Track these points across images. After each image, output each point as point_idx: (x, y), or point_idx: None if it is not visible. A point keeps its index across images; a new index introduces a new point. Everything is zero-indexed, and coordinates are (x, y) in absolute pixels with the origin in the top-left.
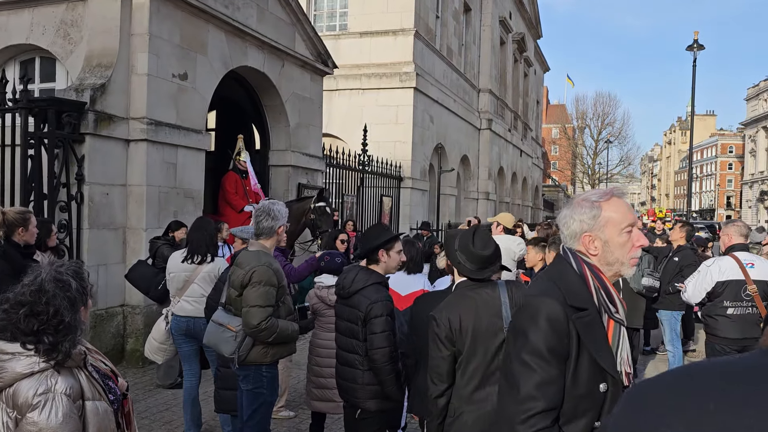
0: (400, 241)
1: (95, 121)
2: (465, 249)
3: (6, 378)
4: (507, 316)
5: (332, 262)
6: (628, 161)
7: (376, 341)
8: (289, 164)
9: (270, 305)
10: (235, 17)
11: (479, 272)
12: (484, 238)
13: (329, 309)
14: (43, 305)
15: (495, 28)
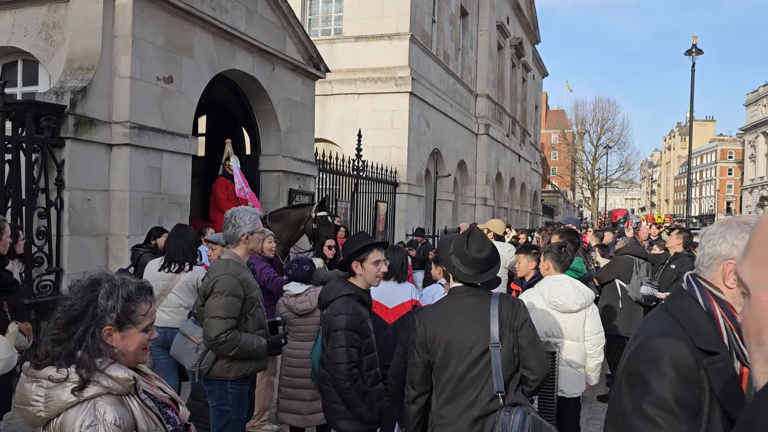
0: (379, 251)
1: (76, 125)
2: (459, 252)
3: (52, 408)
4: (495, 332)
5: (299, 270)
6: (627, 167)
7: (333, 356)
8: (280, 169)
9: (232, 317)
10: (223, 20)
11: (475, 277)
12: (480, 241)
13: (297, 318)
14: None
15: (492, 32)
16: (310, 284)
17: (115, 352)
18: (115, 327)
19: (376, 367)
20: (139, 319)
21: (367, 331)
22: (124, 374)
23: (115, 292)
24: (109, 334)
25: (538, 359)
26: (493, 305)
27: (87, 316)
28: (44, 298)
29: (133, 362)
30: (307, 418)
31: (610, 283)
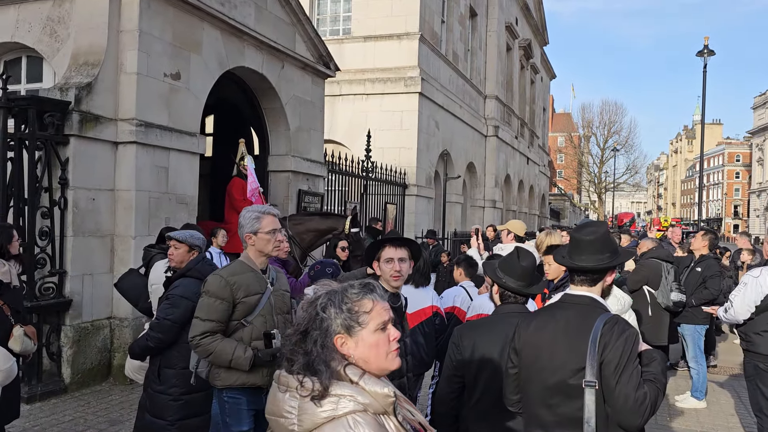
0: (392, 247)
1: (80, 121)
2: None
3: (305, 422)
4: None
5: (322, 272)
6: (634, 170)
7: None
8: (289, 170)
9: (212, 320)
10: (232, 15)
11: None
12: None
13: None
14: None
15: (501, 33)
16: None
17: (354, 362)
18: (345, 333)
19: (399, 378)
20: (364, 318)
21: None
22: (383, 389)
23: (335, 298)
24: (343, 343)
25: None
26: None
27: (314, 330)
28: (47, 301)
29: (376, 369)
30: None
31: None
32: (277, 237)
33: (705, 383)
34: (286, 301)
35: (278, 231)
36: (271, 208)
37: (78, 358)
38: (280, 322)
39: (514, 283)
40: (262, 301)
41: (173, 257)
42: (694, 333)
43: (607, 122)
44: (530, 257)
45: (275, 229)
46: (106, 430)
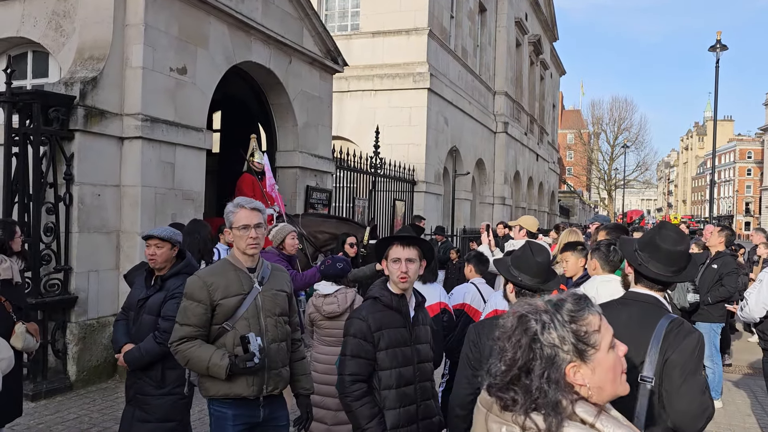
0: (400, 246)
1: (85, 116)
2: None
3: None
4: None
5: (332, 267)
6: (644, 167)
7: (340, 366)
8: (297, 166)
9: (189, 324)
10: (239, 9)
11: (672, 275)
12: (541, 248)
13: (326, 320)
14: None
15: (511, 29)
16: (341, 285)
17: (587, 392)
18: (578, 360)
19: (404, 386)
20: (596, 338)
21: (392, 342)
22: (589, 418)
23: (555, 319)
24: (576, 372)
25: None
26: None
27: (533, 361)
28: (52, 298)
29: (609, 395)
30: (332, 428)
31: None
32: (250, 234)
33: (721, 383)
34: (280, 302)
35: (255, 227)
36: (254, 201)
37: (83, 356)
38: (270, 325)
39: (530, 280)
40: (246, 303)
41: (156, 257)
42: (710, 331)
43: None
44: (545, 252)
45: (248, 224)
46: (112, 428)
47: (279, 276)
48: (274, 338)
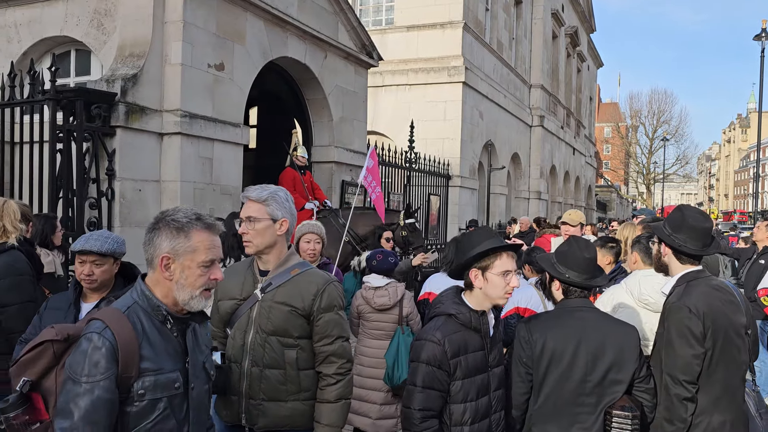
0: (510, 257)
1: (126, 113)
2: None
3: None
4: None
5: (384, 262)
6: (685, 160)
7: (405, 395)
8: (332, 160)
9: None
10: (275, 5)
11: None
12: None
13: (375, 313)
14: None
15: (547, 21)
16: (392, 278)
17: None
18: None
19: (479, 421)
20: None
21: (470, 370)
22: None
23: None
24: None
25: None
26: None
27: None
28: None
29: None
30: (377, 423)
31: None
32: (241, 228)
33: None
34: (277, 318)
35: (246, 220)
36: (258, 189)
37: None
38: (257, 343)
39: (578, 276)
40: (241, 311)
41: (95, 278)
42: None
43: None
44: (591, 247)
45: (240, 217)
46: None
47: (297, 287)
48: (259, 361)
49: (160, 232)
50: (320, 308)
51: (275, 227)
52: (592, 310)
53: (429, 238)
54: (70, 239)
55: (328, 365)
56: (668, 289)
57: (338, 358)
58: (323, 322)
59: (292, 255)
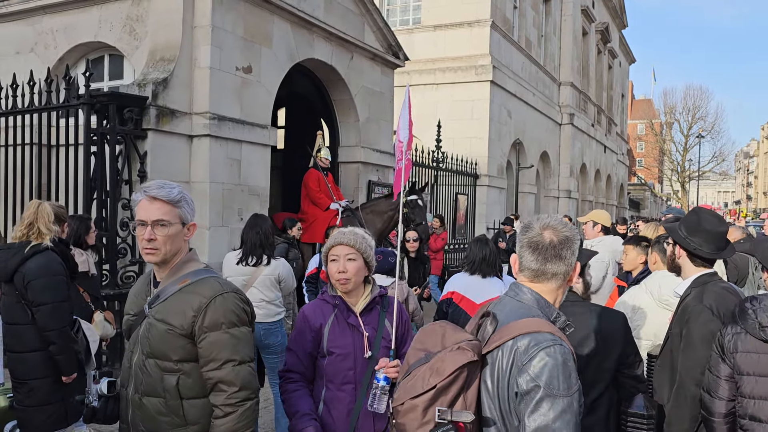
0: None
1: (157, 116)
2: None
3: None
4: None
5: (385, 262)
6: (721, 158)
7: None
8: (359, 161)
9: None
10: (301, 8)
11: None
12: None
13: None
14: None
15: (577, 17)
16: (393, 276)
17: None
18: None
19: None
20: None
21: None
22: None
23: None
24: None
25: None
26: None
27: None
28: (128, 289)
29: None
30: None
31: None
32: (145, 233)
33: None
34: (154, 339)
35: (153, 224)
36: (165, 186)
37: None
38: (137, 365)
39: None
40: (134, 328)
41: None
42: None
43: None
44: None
45: (145, 221)
46: None
47: (181, 301)
48: (139, 387)
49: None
50: (203, 327)
51: (184, 232)
52: (582, 304)
53: (456, 237)
54: (104, 239)
55: (216, 394)
56: (682, 291)
57: (228, 385)
58: (207, 343)
59: (188, 262)
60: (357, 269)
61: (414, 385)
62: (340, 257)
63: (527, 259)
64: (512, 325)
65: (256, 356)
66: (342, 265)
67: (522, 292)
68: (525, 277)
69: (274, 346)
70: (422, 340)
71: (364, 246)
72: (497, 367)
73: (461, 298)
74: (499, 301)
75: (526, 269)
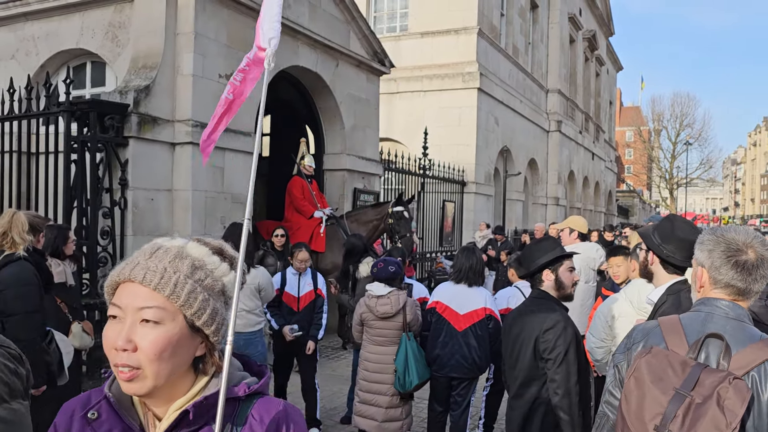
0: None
1: (139, 123)
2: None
3: None
4: None
5: (384, 270)
6: (709, 164)
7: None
8: (344, 168)
9: None
10: (286, 15)
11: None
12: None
13: (378, 320)
14: None
15: (564, 25)
16: (393, 286)
17: None
18: None
19: None
20: None
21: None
22: None
23: None
24: None
25: None
26: None
27: None
28: None
29: None
30: (383, 425)
31: None
32: None
33: None
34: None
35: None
36: None
37: None
38: None
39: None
40: None
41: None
42: None
43: (678, 115)
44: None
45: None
46: None
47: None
48: None
49: None
50: None
51: None
52: (532, 299)
53: (443, 245)
54: (84, 248)
55: None
56: (656, 298)
57: None
58: None
59: None
60: (164, 343)
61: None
62: (127, 313)
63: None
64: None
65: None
66: (126, 333)
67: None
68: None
69: (254, 356)
70: (656, 378)
71: (186, 285)
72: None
73: (444, 308)
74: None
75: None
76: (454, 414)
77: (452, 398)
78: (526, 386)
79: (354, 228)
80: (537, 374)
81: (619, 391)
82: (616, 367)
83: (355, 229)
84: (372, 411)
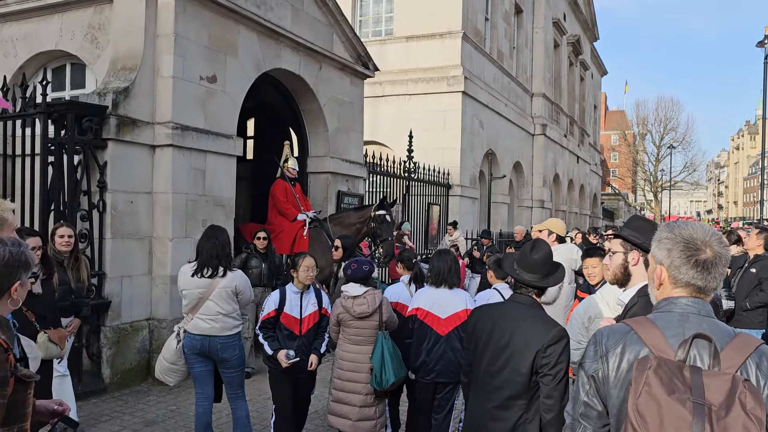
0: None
1: (118, 126)
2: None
3: None
4: None
5: (358, 270)
6: (692, 168)
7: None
8: (328, 171)
9: None
10: (268, 17)
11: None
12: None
13: (355, 320)
14: None
15: (548, 30)
16: (369, 286)
17: None
18: None
19: None
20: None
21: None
22: None
23: None
24: None
25: None
26: None
27: None
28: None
29: None
30: (356, 424)
31: None
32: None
33: None
34: None
35: None
36: None
37: (117, 359)
38: None
39: (527, 275)
40: None
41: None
42: None
43: (662, 119)
44: (544, 248)
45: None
46: (141, 430)
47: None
48: None
49: None
50: None
51: None
52: (520, 305)
53: (429, 248)
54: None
55: None
56: (627, 299)
57: None
58: None
59: None
60: None
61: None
62: None
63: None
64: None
65: (213, 370)
66: None
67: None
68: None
69: (232, 360)
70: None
71: None
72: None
73: (426, 314)
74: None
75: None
76: (437, 417)
77: (436, 401)
78: (514, 399)
79: (337, 231)
80: (528, 388)
81: (598, 401)
82: (592, 377)
83: (338, 232)
84: (346, 410)
